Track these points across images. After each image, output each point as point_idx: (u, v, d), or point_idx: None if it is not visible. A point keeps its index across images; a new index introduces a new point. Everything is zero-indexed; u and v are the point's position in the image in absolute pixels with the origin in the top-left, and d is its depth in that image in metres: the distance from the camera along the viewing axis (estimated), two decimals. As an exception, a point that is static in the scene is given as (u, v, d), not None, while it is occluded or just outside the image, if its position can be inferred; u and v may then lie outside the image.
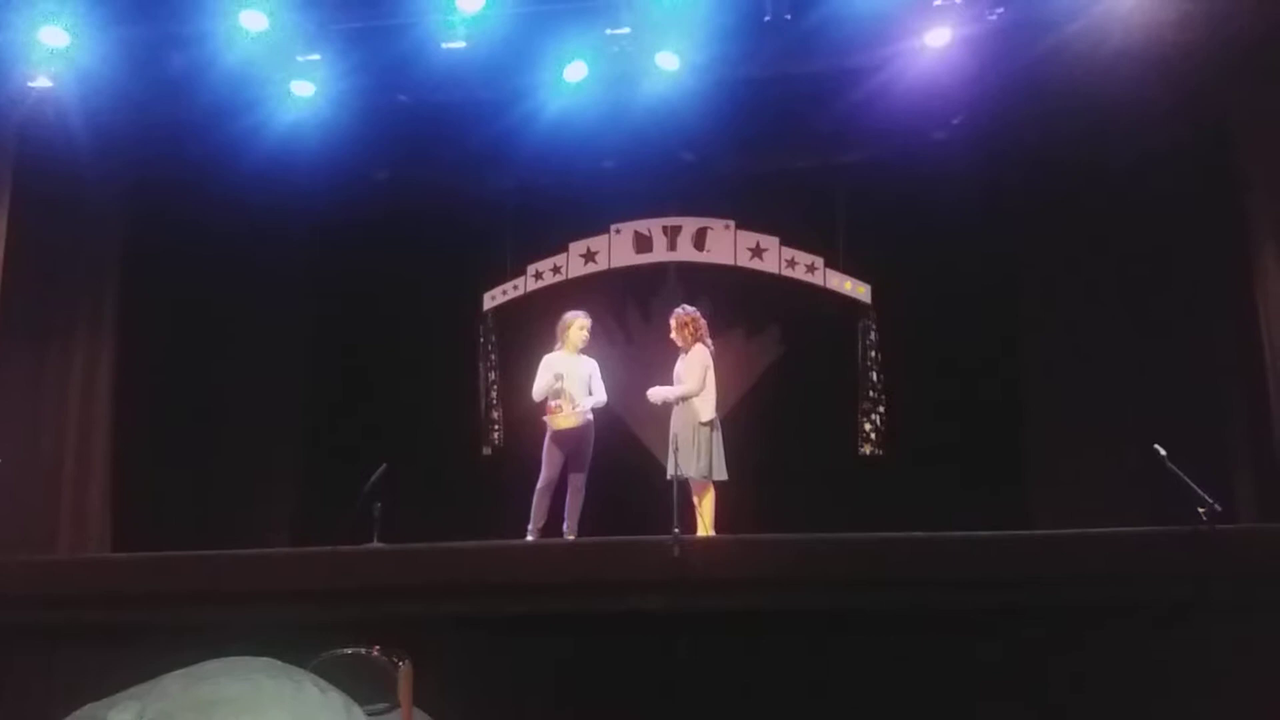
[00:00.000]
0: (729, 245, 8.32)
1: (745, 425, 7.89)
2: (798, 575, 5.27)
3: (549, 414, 7.03)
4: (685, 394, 6.98)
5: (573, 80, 7.31)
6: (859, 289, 8.16)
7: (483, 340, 8.59)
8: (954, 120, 7.83)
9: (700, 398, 6.96)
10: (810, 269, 8.21)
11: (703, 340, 7.15)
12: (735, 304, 8.60)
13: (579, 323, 7.26)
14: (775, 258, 8.26)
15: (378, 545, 6.08)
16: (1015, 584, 5.12)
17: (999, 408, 8.19)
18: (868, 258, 8.25)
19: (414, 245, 8.78)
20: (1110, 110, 7.29)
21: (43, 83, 7.16)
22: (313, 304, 9.24)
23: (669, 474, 6.41)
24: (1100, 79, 6.90)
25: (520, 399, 7.82)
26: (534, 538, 6.91)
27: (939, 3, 6.84)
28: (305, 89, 7.43)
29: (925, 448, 8.00)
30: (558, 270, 8.49)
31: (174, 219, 8.29)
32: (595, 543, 6.56)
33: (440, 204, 8.73)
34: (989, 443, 8.05)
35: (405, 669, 1.67)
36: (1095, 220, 7.93)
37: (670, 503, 5.67)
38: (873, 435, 8.05)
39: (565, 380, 7.05)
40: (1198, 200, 7.57)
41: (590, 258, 8.47)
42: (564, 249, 8.50)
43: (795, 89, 7.47)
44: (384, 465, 6.22)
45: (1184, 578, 4.97)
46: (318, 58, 7.22)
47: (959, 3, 6.84)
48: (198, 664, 1.15)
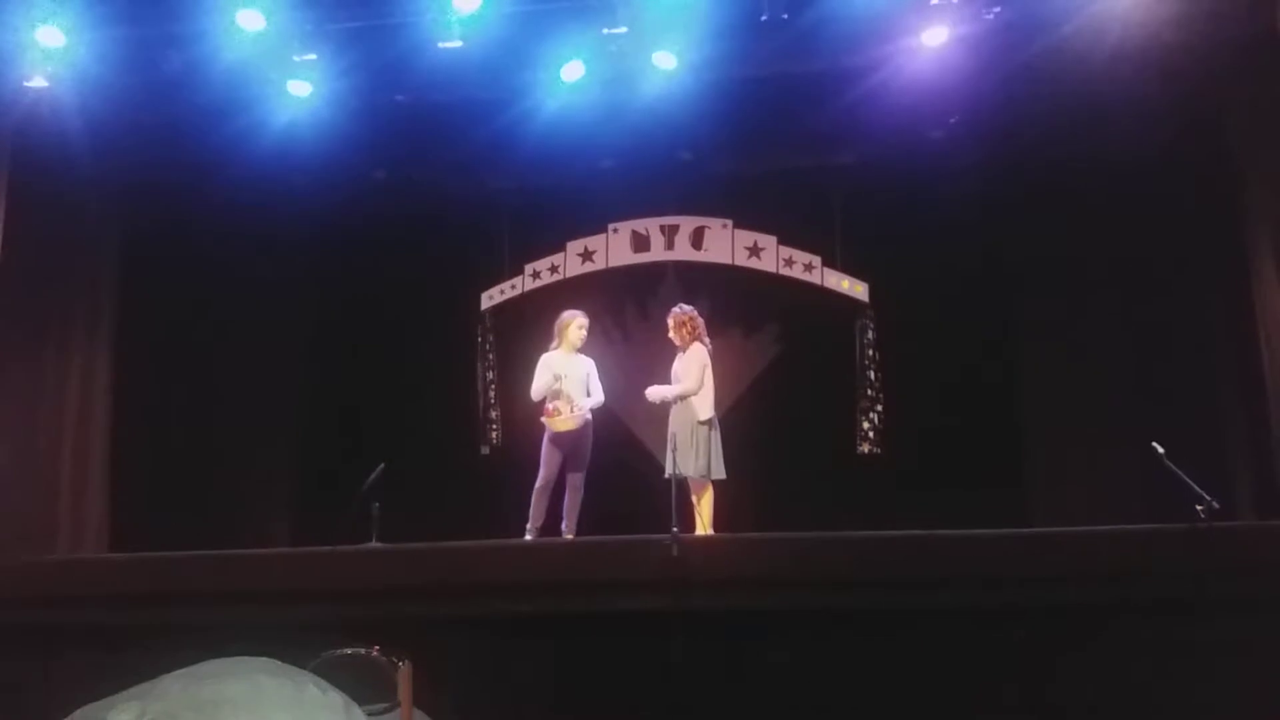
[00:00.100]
0: (727, 244, 8.32)
1: (743, 424, 7.89)
2: (796, 574, 5.27)
3: (547, 416, 7.03)
4: (683, 393, 6.98)
5: (570, 80, 7.31)
6: (857, 288, 8.16)
7: (481, 340, 8.59)
8: (951, 119, 7.83)
9: (698, 397, 6.96)
10: (808, 268, 8.21)
11: (700, 339, 7.15)
12: (733, 303, 8.60)
13: (577, 322, 7.26)
14: (773, 257, 8.26)
15: (376, 545, 6.09)
16: (1014, 582, 5.12)
17: (997, 405, 8.19)
18: (865, 256, 8.25)
19: (412, 245, 8.77)
20: (1107, 109, 7.28)
21: (39, 83, 7.16)
22: (310, 303, 9.22)
23: (667, 473, 6.42)
24: (1097, 78, 6.90)
25: (518, 398, 7.81)
26: (532, 537, 6.92)
27: (936, 2, 6.84)
28: (302, 89, 7.42)
29: (923, 446, 8.01)
30: (555, 270, 8.49)
31: (171, 218, 8.27)
32: (594, 542, 6.57)
33: (438, 203, 8.72)
34: (987, 441, 8.05)
35: (405, 669, 1.67)
36: (1093, 219, 7.93)
37: (669, 502, 5.66)
38: (871, 433, 8.05)
39: (564, 380, 7.05)
40: (1195, 199, 7.57)
41: (588, 257, 8.47)
42: (562, 248, 8.49)
43: (792, 88, 7.46)
44: (382, 465, 6.23)
45: (1183, 575, 4.97)
46: (315, 57, 7.22)
47: (956, 2, 6.84)
48: (198, 664, 1.15)
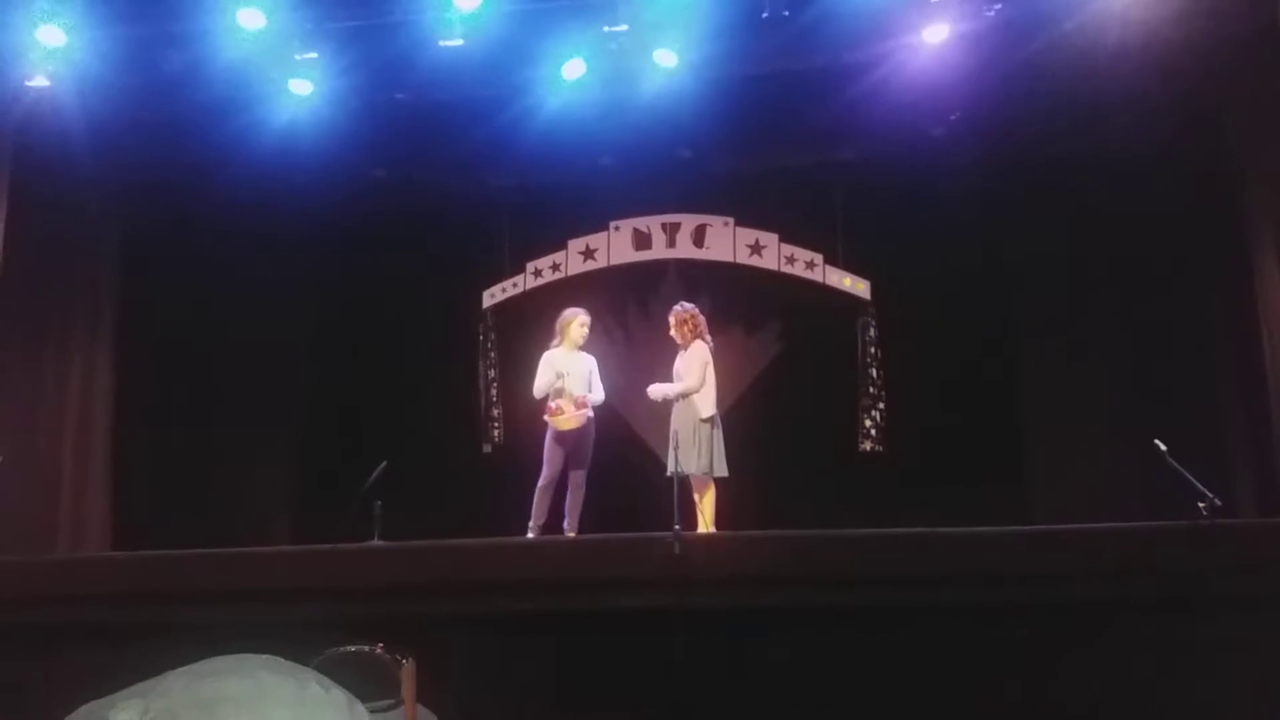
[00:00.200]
0: (728, 242, 8.32)
1: (745, 422, 7.88)
2: (798, 572, 5.26)
3: (550, 415, 7.02)
4: (685, 391, 6.97)
5: (571, 78, 7.31)
6: (858, 285, 8.17)
7: (482, 338, 8.60)
8: (952, 116, 7.83)
9: (700, 394, 6.95)
10: (809, 265, 8.21)
11: (702, 337, 7.14)
12: (735, 301, 8.60)
13: (579, 320, 7.25)
14: (774, 254, 8.26)
15: (378, 543, 6.09)
16: (1015, 580, 5.11)
17: (998, 403, 8.19)
18: (867, 254, 8.25)
19: (413, 243, 8.77)
20: (1108, 106, 7.28)
21: (40, 82, 7.17)
22: (311, 302, 9.22)
23: (669, 471, 6.40)
24: (1098, 75, 6.90)
25: (520, 397, 7.82)
26: (534, 535, 6.92)
27: (936, -1, 6.85)
28: (303, 87, 7.43)
29: (925, 444, 8.01)
30: (557, 268, 8.49)
31: (171, 218, 8.27)
32: (596, 540, 6.56)
33: (439, 202, 8.72)
34: (988, 438, 8.05)
35: (409, 667, 1.66)
36: (1094, 216, 7.92)
37: (670, 500, 5.66)
38: (872, 431, 8.06)
39: (566, 379, 7.04)
40: (1195, 197, 7.56)
41: (589, 255, 8.47)
42: (563, 246, 8.50)
43: (793, 85, 7.46)
44: (383, 464, 6.23)
45: (1184, 573, 4.97)
46: (315, 56, 7.23)
47: (956, -2, 6.84)
48: (200, 662, 1.15)
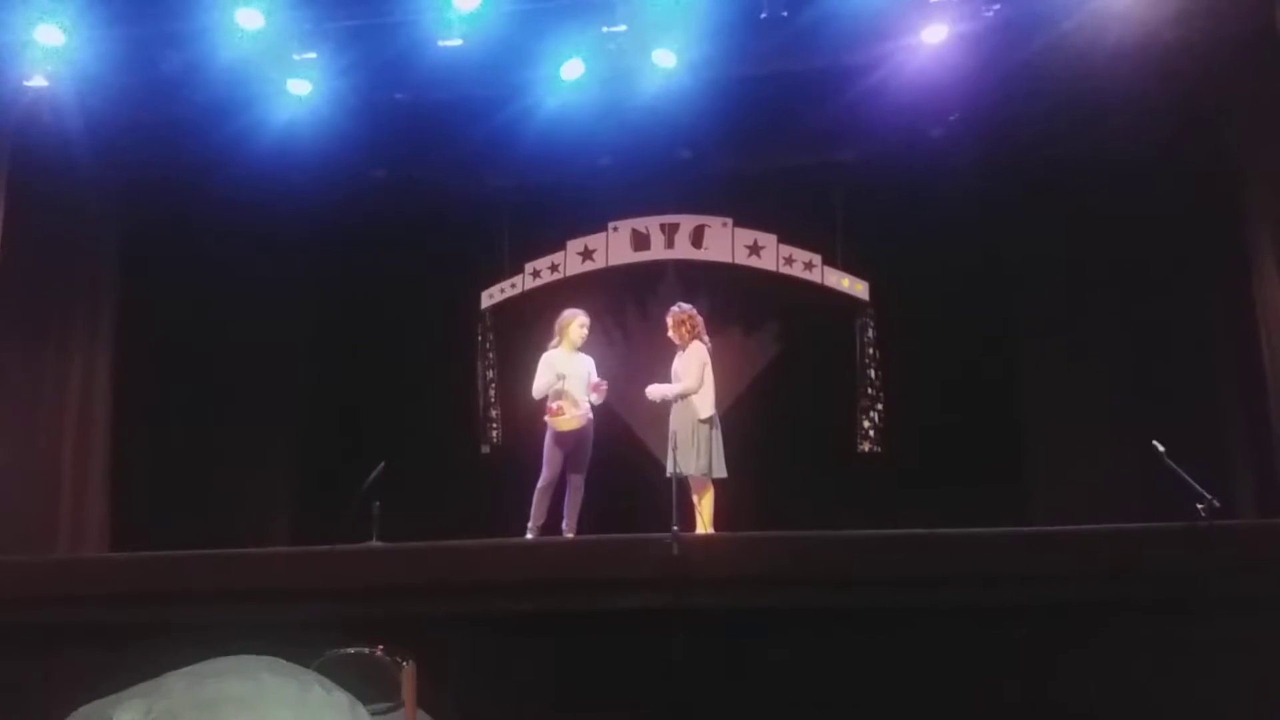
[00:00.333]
0: (727, 243, 8.32)
1: (744, 423, 7.88)
2: (797, 573, 5.27)
3: (551, 415, 7.02)
4: (683, 391, 6.97)
5: (569, 78, 7.31)
6: (857, 286, 8.16)
7: (481, 339, 8.59)
8: (951, 117, 7.83)
9: (699, 395, 6.95)
10: (808, 266, 8.21)
11: (700, 337, 7.14)
12: (733, 301, 8.59)
13: (578, 321, 7.25)
14: (773, 255, 8.26)
15: (377, 544, 6.08)
16: (1014, 580, 5.12)
17: (997, 404, 8.18)
18: (865, 255, 8.25)
19: (411, 244, 8.76)
20: (1108, 107, 7.28)
21: (39, 82, 7.17)
22: (310, 302, 9.22)
23: (668, 472, 6.41)
24: (1097, 75, 6.90)
25: (519, 397, 7.81)
26: (533, 536, 6.91)
27: (935, -1, 6.85)
28: (302, 87, 7.42)
29: (924, 444, 8.00)
30: (555, 268, 8.49)
31: (171, 218, 8.26)
32: (594, 541, 6.56)
33: (438, 202, 8.71)
34: (987, 439, 8.04)
35: (409, 669, 1.66)
36: (1093, 217, 7.92)
37: (669, 500, 5.65)
38: (871, 432, 8.05)
39: (566, 379, 7.04)
40: (1196, 196, 7.57)
41: (588, 256, 8.46)
42: (562, 247, 8.49)
43: (792, 86, 7.46)
44: (382, 464, 6.22)
45: (1183, 574, 4.97)
46: (314, 56, 7.22)
47: (955, -1, 6.85)
48: (203, 662, 1.15)
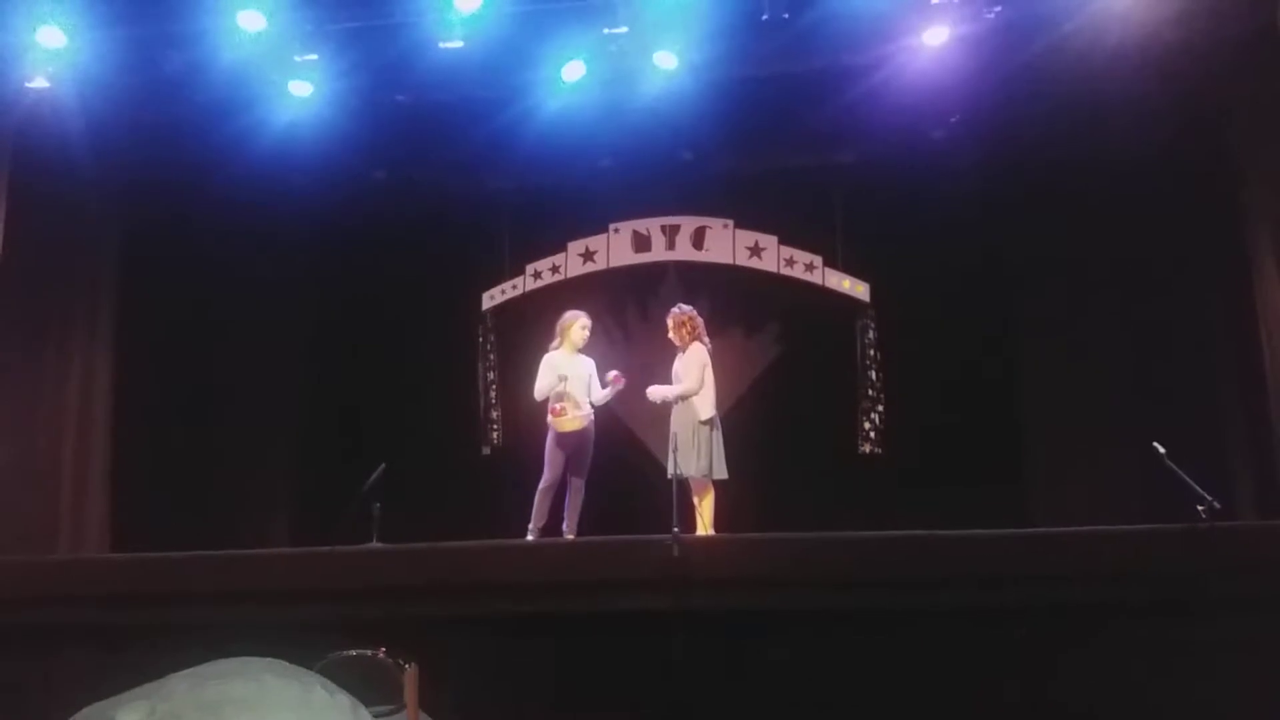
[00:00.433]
0: (728, 244, 8.33)
1: (744, 424, 7.88)
2: (797, 574, 5.27)
3: (554, 416, 7.02)
4: (684, 393, 6.97)
5: (570, 79, 7.31)
6: (858, 287, 8.17)
7: (482, 340, 8.59)
8: (952, 119, 7.84)
9: (699, 396, 6.95)
10: (809, 268, 8.21)
11: (700, 339, 7.14)
12: (734, 303, 8.60)
13: (580, 322, 7.25)
14: (774, 256, 8.26)
15: (377, 545, 6.09)
16: (1014, 581, 5.12)
17: (998, 405, 8.18)
18: (866, 256, 8.25)
19: (412, 245, 8.77)
20: (1108, 108, 7.29)
21: (40, 83, 7.17)
22: (311, 303, 9.22)
23: (669, 473, 6.40)
24: (1097, 77, 6.90)
25: (519, 398, 7.82)
26: (534, 537, 6.91)
27: (936, 1, 6.84)
28: (303, 89, 7.42)
29: (924, 446, 8.00)
30: (556, 270, 8.49)
31: (171, 218, 8.26)
32: (595, 542, 6.56)
33: (438, 203, 8.72)
34: (988, 440, 8.04)
35: (411, 671, 1.67)
36: (1093, 217, 7.92)
37: (669, 502, 5.66)
38: (872, 434, 8.06)
39: (568, 381, 7.04)
40: (1195, 197, 7.57)
41: (589, 257, 8.47)
42: (563, 248, 8.50)
43: (793, 87, 7.46)
44: (382, 465, 6.23)
45: (1183, 575, 4.98)
46: (315, 57, 7.22)
47: (956, 1, 6.84)
48: (205, 664, 1.15)
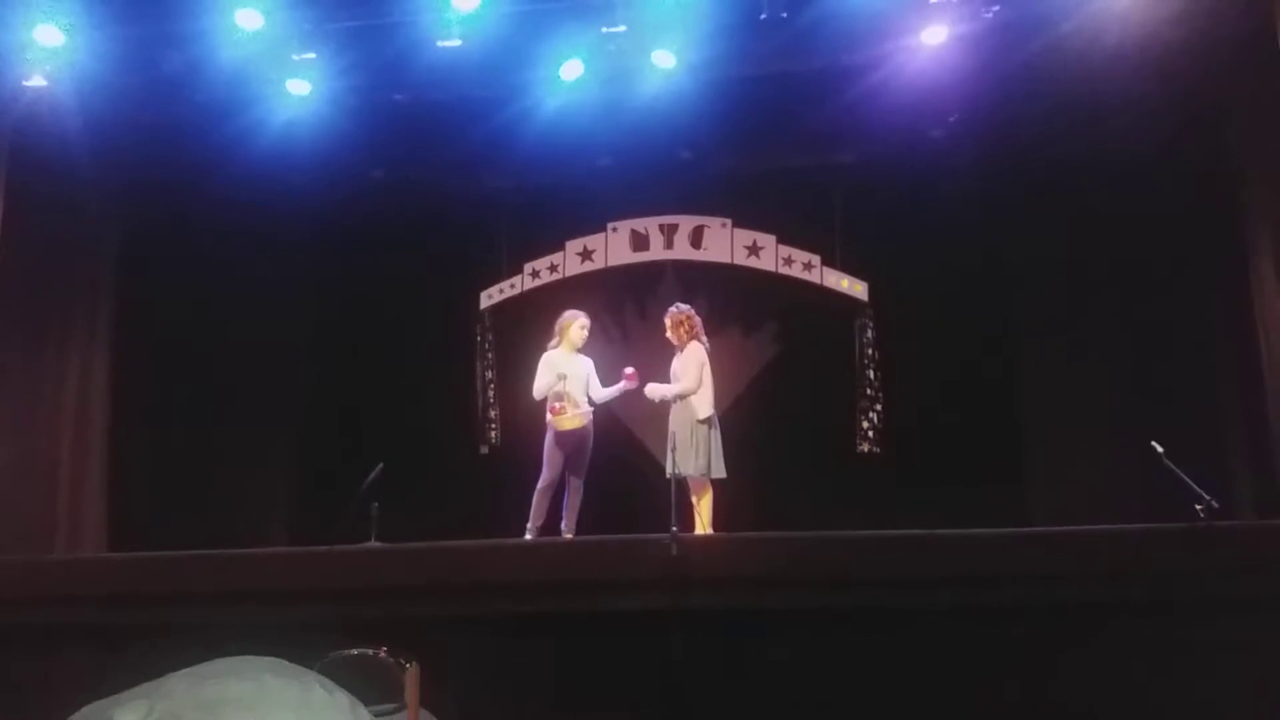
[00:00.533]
0: (726, 243, 8.33)
1: (743, 423, 7.89)
2: (796, 573, 5.26)
3: (553, 415, 7.01)
4: (682, 392, 6.97)
5: (569, 78, 7.31)
6: (856, 287, 8.17)
7: (480, 339, 8.59)
8: (951, 118, 7.84)
9: (697, 395, 6.95)
10: (807, 267, 8.22)
11: (698, 338, 7.14)
12: (732, 302, 8.61)
13: (579, 322, 7.24)
14: (772, 255, 8.27)
15: (376, 545, 6.08)
16: (1013, 581, 5.12)
17: (997, 404, 8.18)
18: (865, 255, 8.26)
19: (411, 244, 8.76)
20: (1107, 108, 7.29)
21: (38, 82, 7.16)
22: (309, 303, 9.21)
23: (668, 473, 6.40)
24: (1097, 76, 6.91)
25: (518, 398, 7.82)
26: (532, 537, 6.91)
27: (935, 0, 6.84)
28: (301, 88, 7.42)
29: (923, 445, 8.01)
30: (555, 269, 8.49)
31: (170, 218, 8.26)
32: (593, 541, 6.55)
33: (437, 202, 8.72)
34: (987, 440, 8.04)
35: (412, 670, 1.66)
36: (1092, 217, 7.92)
37: (668, 501, 5.65)
38: (870, 433, 8.06)
39: (567, 380, 7.04)
40: (1195, 197, 7.57)
41: (587, 256, 8.47)
42: (561, 247, 8.50)
43: (792, 87, 7.46)
44: (381, 465, 6.22)
45: (1182, 574, 4.98)
46: (313, 56, 7.22)
47: (955, 0, 6.84)
48: (205, 663, 1.15)
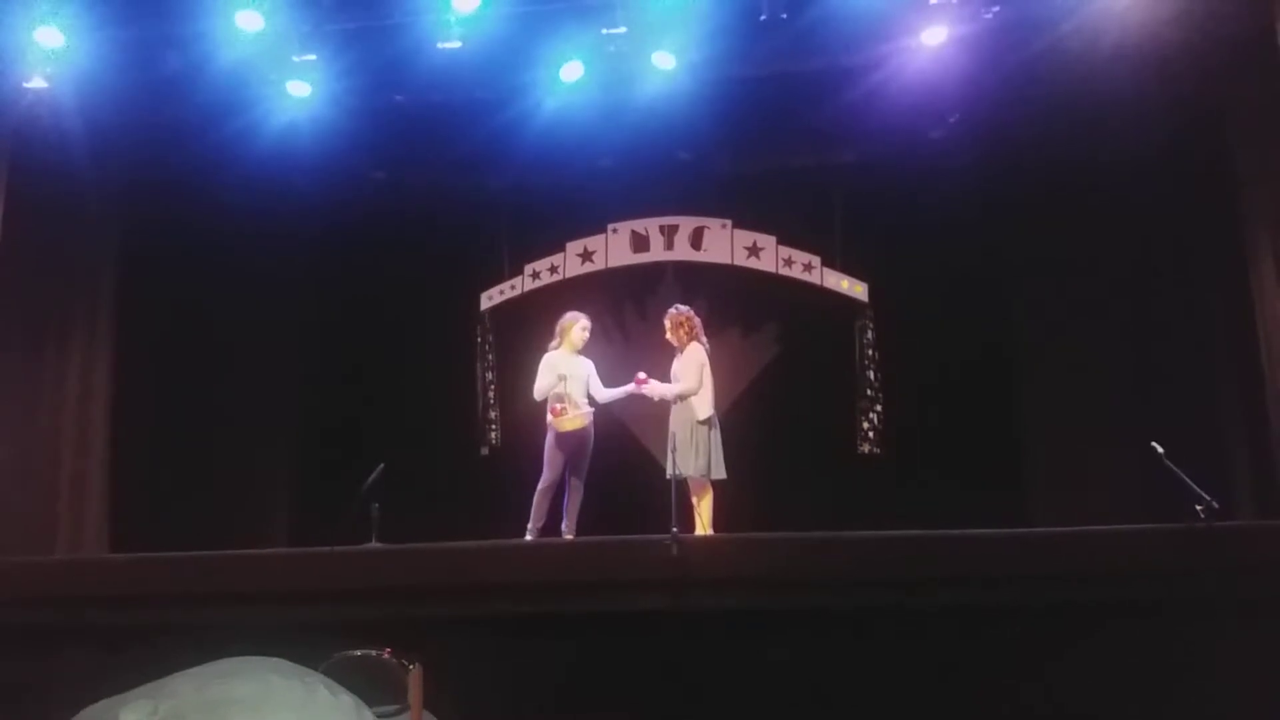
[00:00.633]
0: (726, 244, 8.33)
1: (743, 424, 7.89)
2: (796, 574, 5.27)
3: (553, 416, 7.02)
4: (682, 392, 6.98)
5: (569, 80, 7.31)
6: (856, 287, 8.17)
7: (480, 340, 8.59)
8: (950, 119, 7.84)
9: (698, 396, 6.95)
10: (807, 268, 8.22)
11: (698, 338, 7.15)
12: (732, 303, 8.61)
13: (580, 324, 7.25)
14: (772, 256, 8.26)
15: (376, 545, 6.09)
16: (1014, 582, 5.12)
17: (997, 405, 8.19)
18: (865, 256, 8.25)
19: (411, 245, 8.77)
20: (1106, 108, 7.29)
21: (38, 83, 7.16)
22: (310, 304, 9.22)
23: (668, 473, 6.40)
24: (1096, 77, 6.91)
25: (518, 399, 7.82)
26: (533, 538, 6.91)
27: (935, 1, 6.84)
28: (301, 89, 7.42)
29: (923, 446, 8.01)
30: (555, 270, 8.49)
31: (170, 219, 8.26)
32: (594, 542, 6.56)
33: (437, 203, 8.71)
34: (987, 440, 8.05)
35: (416, 671, 1.67)
36: (1092, 218, 7.93)
37: (668, 502, 5.66)
38: (870, 434, 8.05)
39: (568, 381, 7.05)
40: (1196, 196, 7.57)
41: (587, 257, 8.47)
42: (561, 248, 8.49)
43: (791, 88, 7.46)
44: (381, 466, 6.22)
45: (1182, 575, 4.98)
46: (314, 58, 7.22)
47: (955, 1, 6.84)
48: (210, 663, 1.16)
